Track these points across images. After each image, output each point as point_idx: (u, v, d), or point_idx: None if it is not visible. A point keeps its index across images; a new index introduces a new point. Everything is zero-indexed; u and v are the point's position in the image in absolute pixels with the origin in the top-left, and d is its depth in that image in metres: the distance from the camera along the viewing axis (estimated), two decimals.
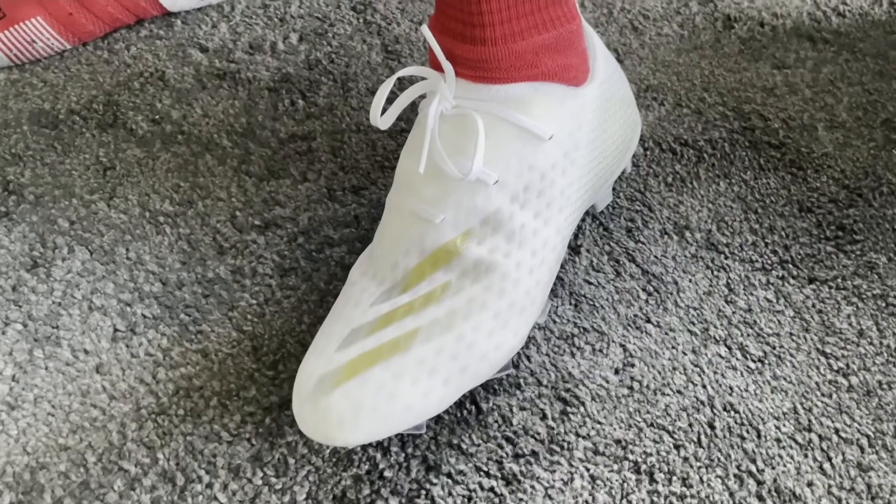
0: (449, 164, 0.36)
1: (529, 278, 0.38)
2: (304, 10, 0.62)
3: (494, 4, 0.35)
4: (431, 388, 0.35)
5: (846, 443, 0.40)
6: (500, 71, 0.37)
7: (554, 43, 0.38)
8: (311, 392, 0.35)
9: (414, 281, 0.36)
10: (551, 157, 0.38)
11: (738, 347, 0.43)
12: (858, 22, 0.62)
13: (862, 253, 0.47)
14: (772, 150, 0.53)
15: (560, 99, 0.39)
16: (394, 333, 0.35)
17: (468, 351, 0.36)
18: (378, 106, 0.36)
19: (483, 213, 0.37)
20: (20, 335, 0.43)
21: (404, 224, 0.37)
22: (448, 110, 0.37)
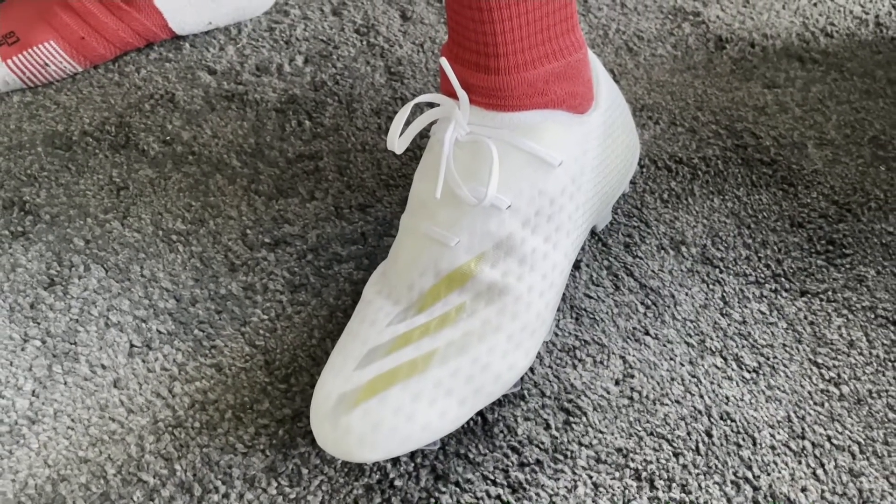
0: (464, 189, 0.38)
1: (540, 301, 0.39)
2: (309, 33, 0.64)
3: (509, 36, 0.37)
4: (447, 409, 0.37)
5: (838, 449, 0.41)
6: (513, 99, 0.38)
7: (563, 71, 0.39)
8: (330, 410, 0.36)
9: (429, 302, 0.38)
10: (560, 182, 0.40)
11: (733, 358, 0.45)
12: (846, 42, 0.65)
13: (851, 266, 0.49)
14: (764, 167, 0.55)
15: (568, 126, 0.40)
16: (411, 354, 0.36)
17: (483, 373, 0.38)
18: (396, 131, 0.38)
19: (496, 237, 0.39)
20: (39, 351, 0.44)
21: (420, 246, 0.39)
22: (462, 137, 0.39)
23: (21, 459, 0.40)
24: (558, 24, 0.39)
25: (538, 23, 0.37)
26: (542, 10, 0.37)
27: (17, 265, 0.48)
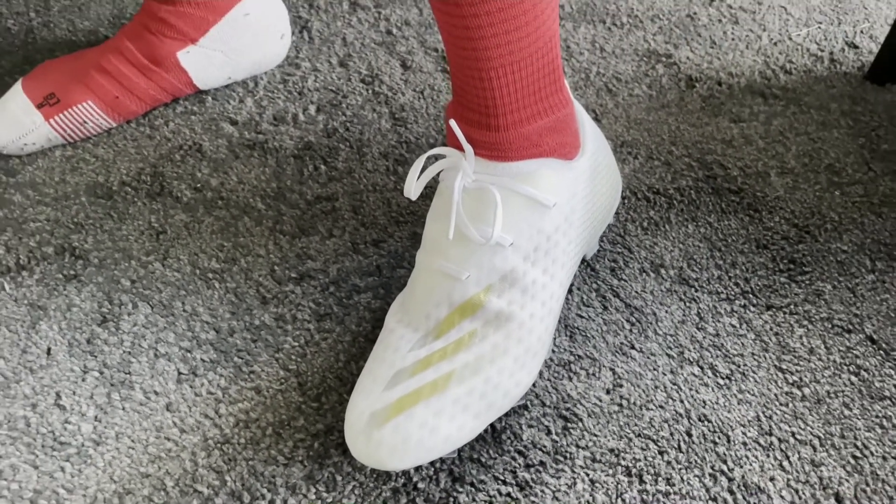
0: (472, 230, 0.44)
1: (540, 325, 0.46)
2: (320, 84, 0.70)
3: (506, 99, 0.43)
4: (465, 423, 0.43)
5: (801, 443, 0.47)
6: (512, 151, 0.45)
7: (553, 125, 0.46)
8: (364, 426, 0.42)
9: (445, 329, 0.44)
10: (555, 221, 0.46)
11: (708, 367, 0.51)
12: (803, 78, 0.72)
13: (811, 282, 0.56)
14: (732, 195, 0.61)
15: (560, 172, 0.47)
16: (432, 376, 0.42)
17: (494, 390, 0.44)
18: (412, 180, 0.44)
19: (501, 271, 0.45)
20: (98, 381, 0.50)
21: (434, 280, 0.45)
22: (469, 184, 0.45)
23: (89, 477, 0.46)
24: (547, 86, 0.45)
25: (531, 87, 0.44)
26: (534, 77, 0.44)
27: (72, 305, 0.54)
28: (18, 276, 0.55)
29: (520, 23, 0.40)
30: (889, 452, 0.47)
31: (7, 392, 0.49)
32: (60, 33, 0.74)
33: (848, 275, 0.56)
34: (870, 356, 0.52)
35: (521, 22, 0.40)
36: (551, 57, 0.44)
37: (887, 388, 0.50)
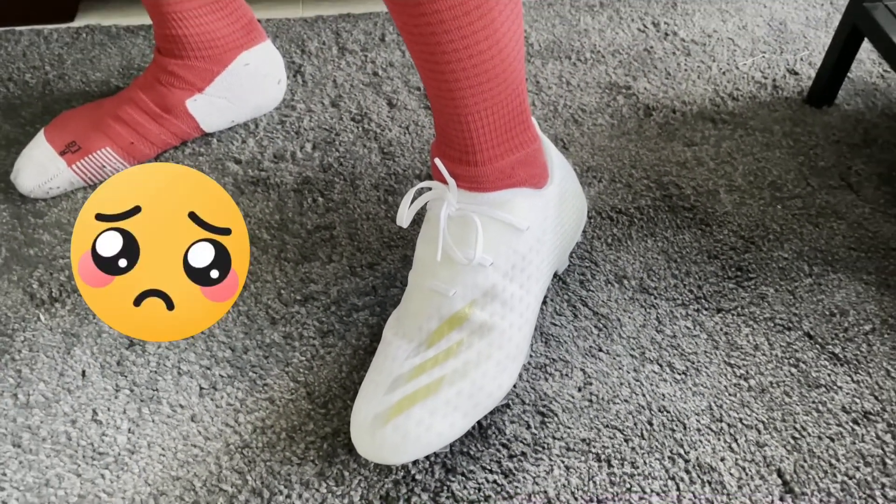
0: (457, 252, 0.51)
1: (519, 334, 0.53)
2: (314, 123, 0.77)
3: (483, 139, 0.50)
4: (455, 421, 0.49)
5: (748, 428, 0.55)
6: (489, 182, 0.52)
7: (524, 159, 0.53)
8: (368, 426, 0.48)
9: (436, 339, 0.51)
10: (528, 242, 0.54)
11: (667, 364, 0.58)
12: (749, 103, 0.80)
13: (755, 287, 0.63)
14: (686, 212, 0.69)
15: (531, 199, 0.54)
16: (426, 381, 0.49)
17: (479, 392, 0.50)
18: (404, 211, 0.52)
19: (483, 287, 0.52)
20: (129, 397, 0.56)
21: (425, 297, 0.52)
22: (453, 212, 0.52)
23: (127, 482, 0.52)
24: (517, 126, 0.52)
25: (503, 127, 0.51)
26: (506, 119, 0.51)
27: (101, 331, 0.60)
28: (52, 308, 0.62)
29: (492, 75, 0.47)
30: (824, 433, 0.54)
31: (49, 411, 0.55)
32: (75, 84, 0.81)
33: (788, 279, 0.64)
34: (807, 350, 0.59)
35: (493, 74, 0.47)
36: (519, 101, 0.51)
37: (822, 377, 0.57)
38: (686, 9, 0.92)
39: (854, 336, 0.60)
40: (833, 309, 0.62)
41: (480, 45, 0.44)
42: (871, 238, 0.67)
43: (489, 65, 0.46)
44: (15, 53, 0.84)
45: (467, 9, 0.42)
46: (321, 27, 0.89)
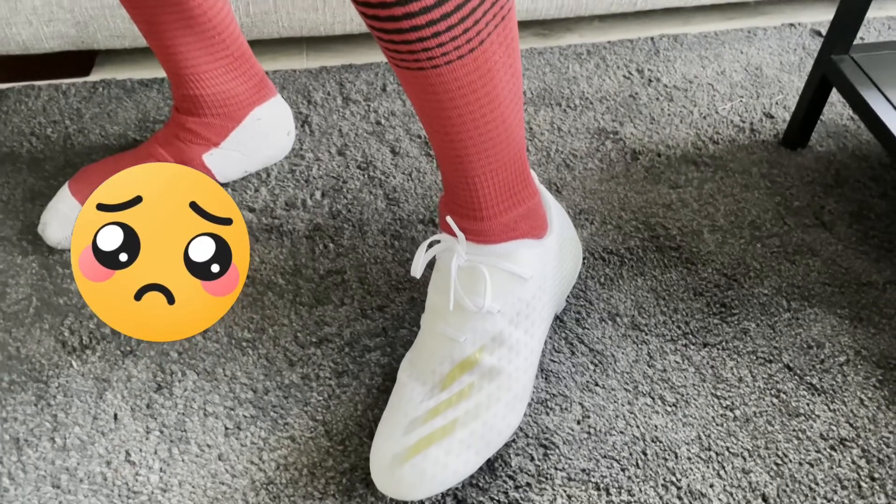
0: (468, 301, 0.56)
1: (524, 376, 0.57)
2: (323, 172, 0.82)
3: (488, 196, 0.55)
4: (469, 459, 0.54)
5: (734, 455, 0.59)
6: (494, 235, 0.57)
7: (526, 213, 0.58)
8: (388, 465, 0.53)
9: (448, 382, 0.55)
10: (531, 290, 0.58)
11: (658, 397, 0.63)
12: (729, 147, 0.85)
13: (738, 322, 0.68)
14: (672, 251, 0.74)
15: (533, 249, 0.59)
16: (441, 422, 0.54)
17: (490, 431, 0.55)
18: (418, 262, 0.56)
19: (492, 333, 0.57)
20: (159, 438, 0.60)
21: (438, 342, 0.57)
22: (463, 263, 0.57)
23: None
24: (519, 183, 0.57)
25: (506, 186, 0.56)
26: (509, 178, 0.56)
27: (131, 376, 0.64)
28: (83, 355, 0.66)
29: (496, 142, 0.52)
30: (804, 459, 0.59)
31: (84, 453, 0.59)
32: (94, 138, 0.86)
33: (768, 314, 0.69)
34: (787, 381, 0.64)
35: (497, 141, 0.52)
36: (520, 161, 0.56)
37: (801, 406, 0.62)
38: (668, 55, 0.98)
39: (830, 367, 0.65)
40: (810, 342, 0.67)
41: (486, 118, 0.50)
42: (843, 274, 0.72)
43: (493, 133, 0.51)
44: (36, 108, 0.89)
45: (474, 87, 0.47)
46: (325, 78, 0.94)
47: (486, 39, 0.46)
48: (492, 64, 0.47)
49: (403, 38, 0.44)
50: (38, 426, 0.61)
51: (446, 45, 0.44)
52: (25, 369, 0.64)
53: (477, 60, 0.46)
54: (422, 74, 0.46)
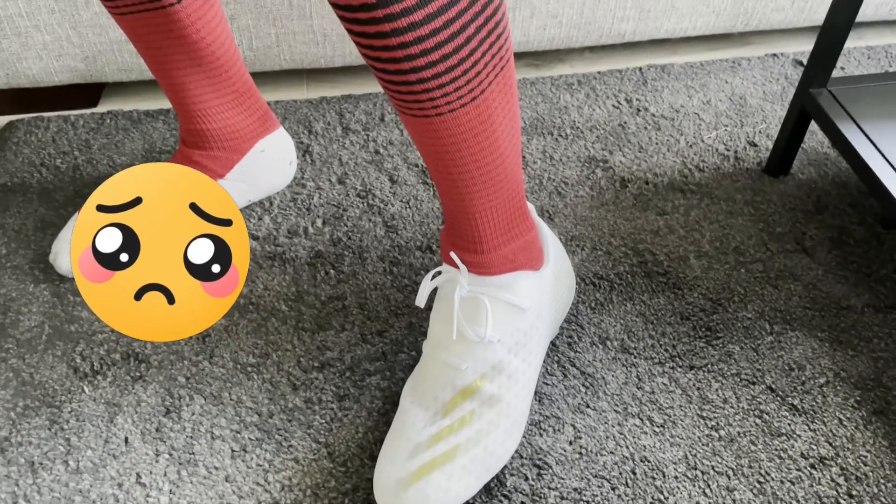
0: (469, 331, 0.59)
1: (522, 404, 0.60)
2: (323, 200, 0.85)
3: (488, 231, 0.58)
4: (469, 483, 0.57)
5: (719, 474, 0.62)
6: (494, 267, 0.60)
7: (523, 245, 0.61)
8: (392, 489, 0.55)
9: (450, 409, 0.58)
10: (529, 320, 0.61)
11: (647, 418, 0.66)
12: (714, 174, 0.89)
13: (723, 345, 0.71)
14: (660, 276, 0.77)
15: (531, 280, 0.61)
16: (443, 448, 0.56)
17: (490, 457, 0.58)
18: (423, 292, 0.59)
19: (492, 362, 0.59)
20: (168, 461, 0.63)
21: (440, 370, 0.59)
22: (465, 294, 0.60)
23: None
24: (517, 217, 0.60)
25: (505, 221, 0.59)
26: (507, 214, 0.59)
27: (140, 401, 0.67)
28: (94, 380, 0.68)
29: (496, 181, 0.56)
30: (785, 477, 0.62)
31: (97, 475, 0.62)
32: (102, 168, 0.89)
33: (752, 337, 0.72)
34: (769, 402, 0.67)
35: (497, 181, 0.56)
36: (518, 198, 0.60)
37: (783, 427, 0.65)
38: (655, 85, 1.01)
39: (811, 388, 0.68)
40: (792, 364, 0.70)
41: (486, 159, 0.53)
42: (823, 298, 0.75)
43: (493, 173, 0.54)
44: (45, 140, 0.92)
45: (475, 132, 0.51)
46: (325, 108, 0.97)
47: (486, 88, 0.49)
48: (492, 110, 0.50)
49: (410, 88, 0.47)
50: (52, 450, 0.63)
51: (450, 95, 0.47)
52: (39, 395, 0.67)
53: (478, 108, 0.49)
54: (427, 121, 0.49)
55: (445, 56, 0.45)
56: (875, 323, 0.73)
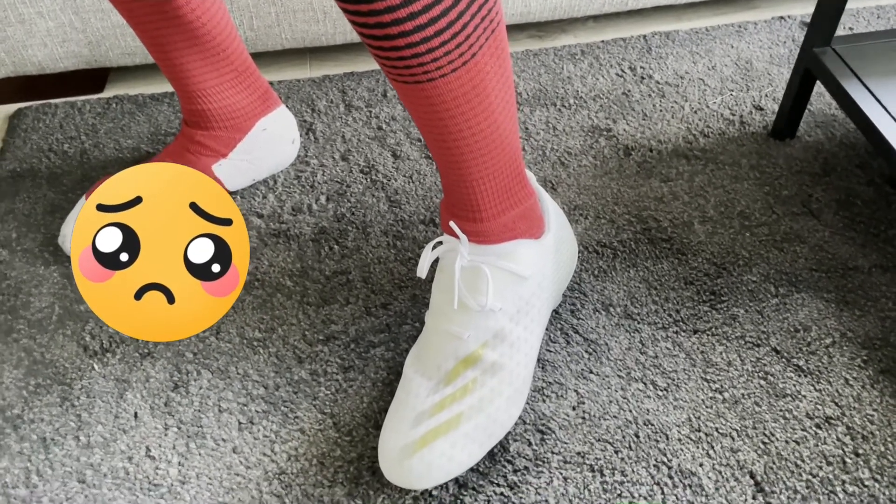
0: (471, 300, 0.59)
1: (525, 371, 0.60)
2: (327, 177, 0.86)
3: (486, 199, 0.58)
4: (473, 451, 0.57)
5: (723, 436, 0.62)
6: (493, 236, 0.60)
7: (522, 213, 0.61)
8: (396, 457, 0.56)
9: (453, 378, 0.58)
10: (530, 288, 0.61)
11: (650, 382, 0.66)
12: (719, 140, 0.88)
13: (727, 309, 0.71)
14: (663, 243, 0.77)
15: (531, 248, 0.61)
16: (447, 416, 0.56)
17: (493, 424, 0.58)
18: (424, 263, 0.60)
19: (493, 330, 0.59)
20: (177, 434, 0.64)
21: (443, 339, 0.60)
22: (465, 264, 0.60)
23: None
24: (515, 185, 0.60)
25: (502, 188, 0.59)
26: (505, 181, 0.59)
27: (149, 377, 0.68)
28: (104, 357, 0.70)
29: (491, 148, 0.55)
30: (790, 437, 0.62)
31: (108, 450, 0.63)
32: (109, 152, 0.90)
33: (756, 300, 0.71)
34: (774, 364, 0.66)
35: (492, 147, 0.55)
36: (515, 164, 0.59)
37: (788, 388, 0.65)
38: (660, 52, 1.00)
39: (816, 349, 0.67)
40: (797, 325, 0.69)
41: (480, 125, 0.53)
42: (830, 259, 0.74)
43: (488, 139, 0.54)
44: (53, 125, 0.93)
45: (468, 97, 0.50)
46: (328, 86, 0.97)
47: (477, 52, 0.49)
48: (484, 74, 0.50)
49: (400, 54, 0.47)
50: (64, 426, 0.65)
51: (440, 60, 0.47)
52: (50, 373, 0.68)
53: (470, 72, 0.49)
54: (418, 87, 0.49)
55: (434, 19, 0.45)
56: (883, 283, 0.72)
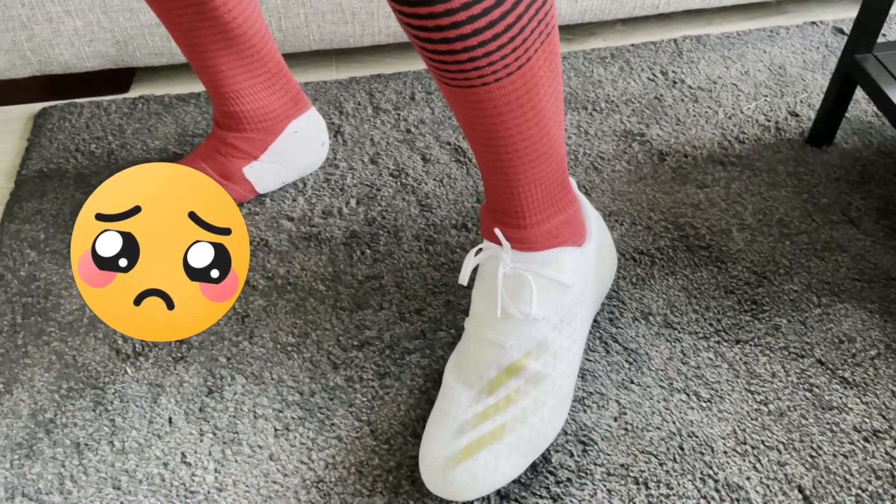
0: (514, 308, 0.58)
1: (568, 381, 0.59)
2: (357, 180, 0.85)
3: (531, 206, 0.57)
4: (517, 462, 0.56)
5: (769, 449, 0.61)
6: (537, 243, 0.59)
7: (566, 220, 0.60)
8: (440, 468, 0.55)
9: (495, 387, 0.57)
10: (574, 296, 0.60)
11: (693, 393, 0.64)
12: (755, 146, 0.87)
13: (769, 319, 0.69)
14: (702, 250, 0.75)
15: (574, 257, 0.60)
16: (490, 427, 0.55)
17: (537, 435, 0.57)
18: (466, 270, 0.58)
19: (537, 339, 0.58)
20: (213, 440, 0.63)
21: (484, 348, 0.59)
22: (508, 271, 0.59)
23: None
24: (560, 192, 0.59)
25: (548, 194, 0.58)
26: (551, 188, 0.58)
27: (183, 381, 0.67)
28: (137, 362, 0.69)
29: (540, 153, 0.54)
30: (838, 450, 0.60)
31: (142, 455, 0.62)
32: (136, 153, 0.89)
33: (799, 310, 0.70)
34: (819, 375, 0.65)
35: (541, 153, 0.54)
36: (561, 171, 0.58)
37: (834, 400, 0.64)
38: (691, 57, 0.99)
39: (861, 361, 0.66)
40: (841, 336, 0.68)
41: (531, 130, 0.52)
42: (872, 269, 0.73)
43: (538, 145, 0.53)
44: (79, 125, 0.92)
45: (521, 102, 0.49)
46: (355, 88, 0.96)
47: (532, 56, 0.48)
48: (538, 79, 0.49)
49: (456, 58, 0.46)
50: (97, 430, 0.64)
51: (496, 64, 0.46)
52: (82, 377, 0.67)
53: (524, 76, 0.48)
54: (471, 92, 0.48)
55: (492, 23, 0.44)
56: None
